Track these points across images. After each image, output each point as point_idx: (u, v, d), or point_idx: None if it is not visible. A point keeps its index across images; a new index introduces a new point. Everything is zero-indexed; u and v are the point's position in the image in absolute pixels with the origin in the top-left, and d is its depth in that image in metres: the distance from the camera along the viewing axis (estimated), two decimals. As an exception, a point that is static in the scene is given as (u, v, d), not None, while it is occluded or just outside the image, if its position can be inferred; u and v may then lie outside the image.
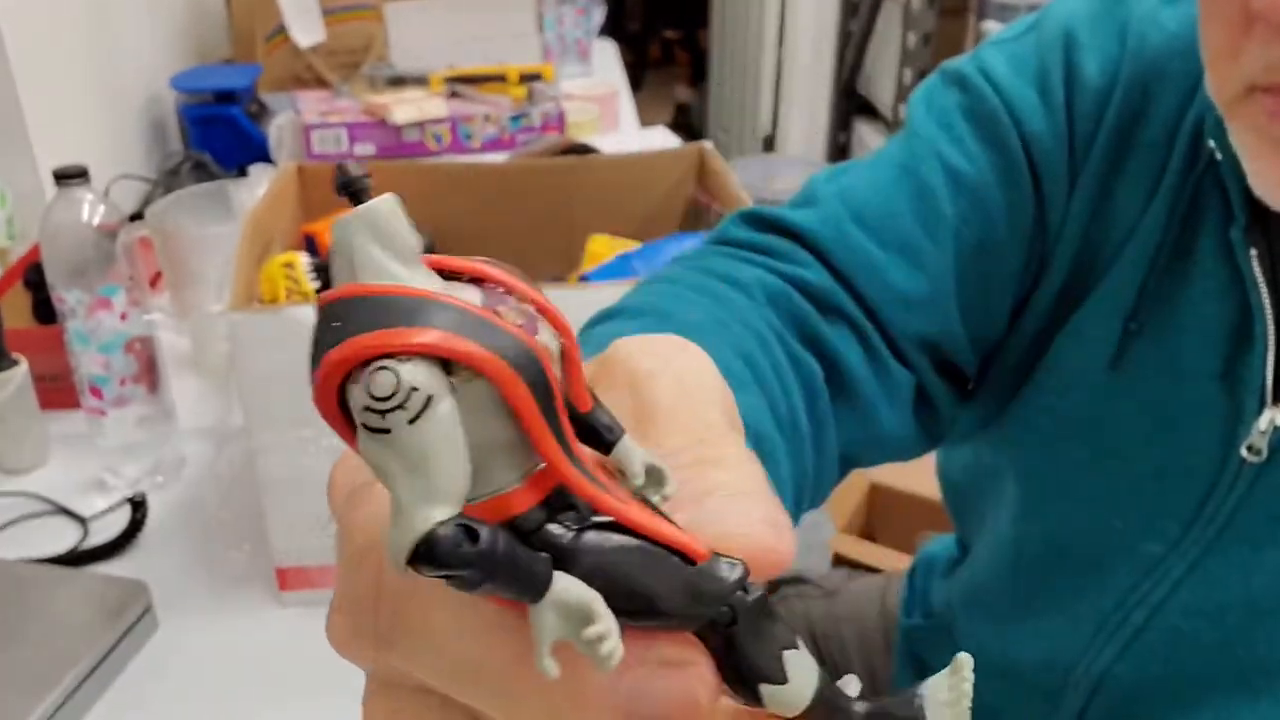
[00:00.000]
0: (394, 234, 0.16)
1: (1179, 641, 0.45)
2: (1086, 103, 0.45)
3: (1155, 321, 0.44)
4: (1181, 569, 0.45)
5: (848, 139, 2.59)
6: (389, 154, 1.29)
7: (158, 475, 0.78)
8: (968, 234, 0.45)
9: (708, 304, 0.39)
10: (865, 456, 0.45)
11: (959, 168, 0.45)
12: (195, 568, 0.70)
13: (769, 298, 0.41)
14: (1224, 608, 0.44)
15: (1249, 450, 0.42)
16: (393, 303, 0.15)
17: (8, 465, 0.80)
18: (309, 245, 0.79)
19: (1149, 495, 0.46)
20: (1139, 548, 0.46)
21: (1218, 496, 0.44)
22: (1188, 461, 0.45)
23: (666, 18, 4.12)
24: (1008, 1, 1.89)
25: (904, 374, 0.45)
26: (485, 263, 0.17)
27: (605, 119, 1.46)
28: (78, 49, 1.27)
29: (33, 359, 0.79)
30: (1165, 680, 0.46)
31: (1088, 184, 0.45)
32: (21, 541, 0.73)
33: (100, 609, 0.63)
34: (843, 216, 0.44)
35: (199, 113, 1.38)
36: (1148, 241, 0.44)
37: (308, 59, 1.58)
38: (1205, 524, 0.44)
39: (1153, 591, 0.46)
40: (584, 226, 0.83)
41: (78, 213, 0.69)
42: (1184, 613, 0.45)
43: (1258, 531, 0.43)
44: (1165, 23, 0.44)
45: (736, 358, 0.36)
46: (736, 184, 0.74)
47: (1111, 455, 0.47)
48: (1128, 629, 0.47)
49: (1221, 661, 0.44)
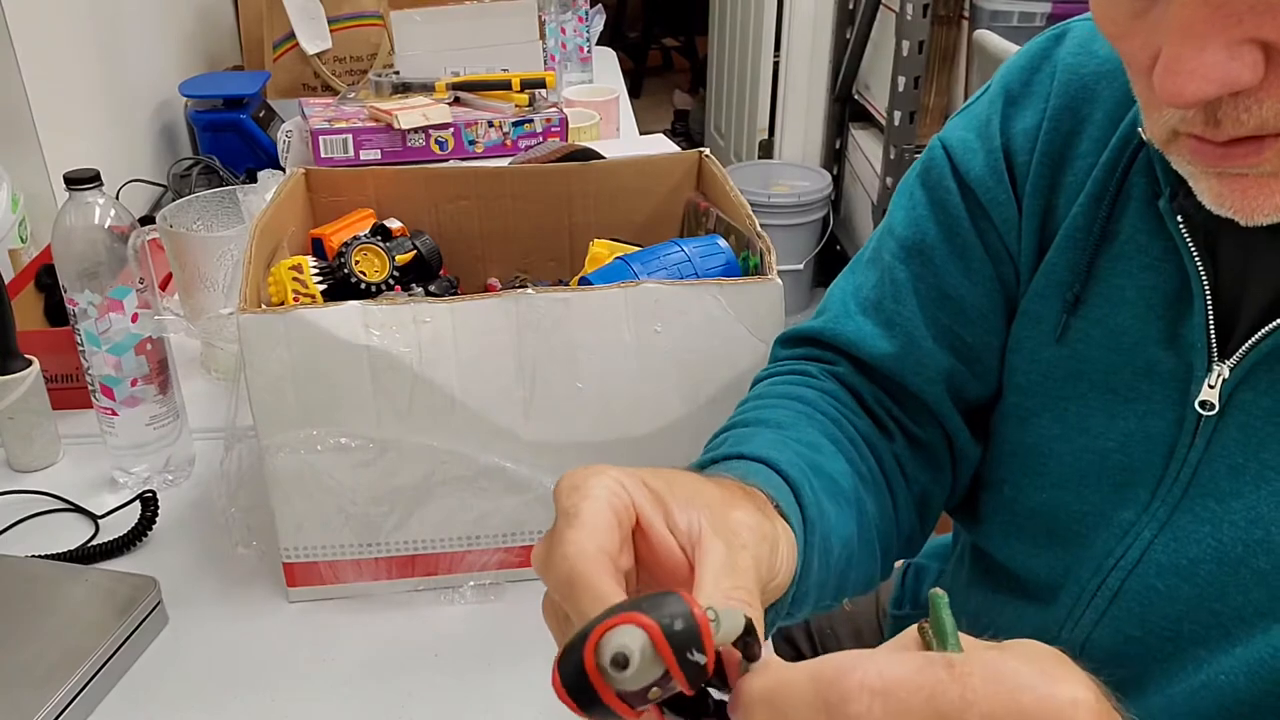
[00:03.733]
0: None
1: (1154, 600, 0.47)
2: (1019, 136, 0.52)
3: (1095, 297, 0.48)
4: (1153, 530, 0.47)
5: (844, 144, 2.61)
6: (394, 159, 1.30)
7: (168, 473, 0.79)
8: (924, 289, 0.55)
9: (788, 406, 0.53)
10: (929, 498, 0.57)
11: (905, 236, 0.55)
12: (205, 564, 0.71)
13: (826, 394, 0.55)
14: (1195, 562, 0.45)
15: (1202, 406, 0.44)
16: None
17: (21, 464, 0.81)
18: (316, 249, 0.80)
19: (1117, 465, 0.48)
20: (1114, 517, 0.48)
21: (1179, 456, 0.46)
22: (1148, 428, 0.47)
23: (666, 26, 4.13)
24: (1000, 9, 1.91)
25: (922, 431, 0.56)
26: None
27: (606, 125, 1.47)
28: (89, 56, 1.28)
29: (45, 360, 0.81)
30: (1144, 640, 0.47)
31: (1032, 200, 0.51)
32: (34, 538, 0.74)
33: (111, 605, 0.64)
34: (842, 312, 0.57)
35: (208, 119, 1.39)
36: (1080, 223, 0.49)
37: (315, 66, 1.60)
38: (1171, 484, 0.46)
39: (1126, 555, 0.48)
40: (585, 230, 0.85)
41: (89, 216, 0.70)
42: (1158, 572, 0.46)
43: (1220, 484, 0.45)
44: (1097, 50, 0.50)
45: (823, 436, 0.50)
46: (734, 189, 0.75)
47: (1078, 430, 0.50)
48: (1104, 595, 0.48)
49: (1197, 615, 0.45)
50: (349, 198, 0.83)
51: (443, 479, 0.64)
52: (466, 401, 0.62)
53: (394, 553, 0.67)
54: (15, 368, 0.78)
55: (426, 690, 0.61)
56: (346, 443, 0.62)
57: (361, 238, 0.76)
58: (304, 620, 0.67)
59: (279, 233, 0.74)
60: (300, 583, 0.67)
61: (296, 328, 0.60)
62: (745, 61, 2.73)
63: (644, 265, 0.70)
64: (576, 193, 0.85)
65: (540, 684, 0.62)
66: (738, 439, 0.48)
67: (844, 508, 0.48)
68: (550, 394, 0.63)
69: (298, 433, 0.62)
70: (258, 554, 0.70)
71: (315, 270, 0.71)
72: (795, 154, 2.68)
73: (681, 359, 0.64)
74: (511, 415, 0.63)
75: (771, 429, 0.50)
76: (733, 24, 2.81)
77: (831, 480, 0.48)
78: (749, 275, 0.69)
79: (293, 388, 0.61)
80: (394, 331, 0.61)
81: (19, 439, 0.80)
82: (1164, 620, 0.46)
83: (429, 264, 0.81)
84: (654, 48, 4.18)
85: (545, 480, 0.65)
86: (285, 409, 0.61)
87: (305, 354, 0.60)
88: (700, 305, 0.63)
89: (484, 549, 0.68)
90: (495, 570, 0.68)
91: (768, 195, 2.42)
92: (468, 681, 0.62)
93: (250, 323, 0.60)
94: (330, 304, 0.61)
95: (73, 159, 0.82)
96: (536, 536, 0.68)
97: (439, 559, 0.67)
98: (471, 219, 0.85)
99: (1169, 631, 0.46)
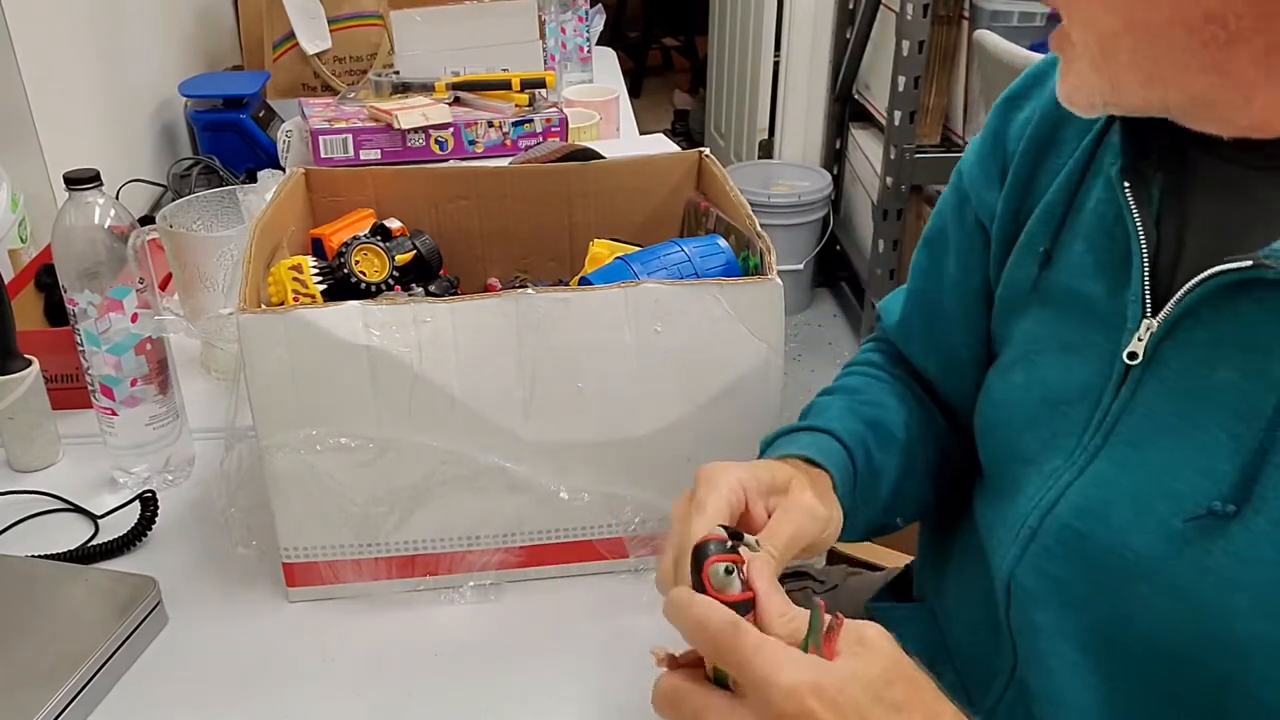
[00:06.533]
0: None
1: (1070, 539, 0.49)
2: (1015, 126, 0.58)
3: (1060, 260, 0.54)
4: (1073, 473, 0.50)
5: (844, 144, 2.61)
6: (394, 159, 1.30)
7: (168, 473, 0.79)
8: (931, 273, 0.66)
9: (866, 371, 0.69)
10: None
11: (930, 230, 0.66)
12: (204, 564, 0.71)
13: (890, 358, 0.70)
14: (1108, 504, 0.48)
15: (1130, 358, 0.48)
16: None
17: (21, 464, 0.81)
18: (316, 249, 0.80)
19: (1057, 414, 0.52)
20: (1045, 464, 0.52)
21: (1104, 404, 0.49)
22: (1087, 380, 0.50)
23: (666, 26, 4.13)
24: (1000, 9, 1.91)
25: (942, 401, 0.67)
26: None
27: (606, 125, 1.47)
28: (89, 56, 1.28)
29: (45, 360, 0.81)
30: (1062, 580, 0.50)
31: (1014, 179, 0.57)
32: (34, 538, 0.74)
33: (110, 605, 0.64)
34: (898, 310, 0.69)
35: (208, 119, 1.39)
36: (1057, 197, 0.54)
37: (315, 66, 1.60)
38: (1094, 430, 0.49)
39: (1046, 495, 0.51)
40: (585, 230, 0.85)
41: (89, 216, 0.70)
42: (1074, 512, 0.49)
43: (1138, 432, 0.48)
44: None
45: (890, 395, 0.65)
46: (734, 189, 0.75)
47: (1038, 382, 0.54)
48: (1025, 533, 0.52)
49: (1111, 559, 0.47)
50: (349, 198, 0.83)
51: (443, 479, 0.64)
52: (466, 401, 0.62)
53: (394, 553, 0.67)
54: (15, 368, 0.78)
55: (426, 690, 0.61)
56: (346, 443, 0.62)
57: (361, 238, 0.76)
58: (304, 620, 0.67)
59: (279, 233, 0.74)
60: (300, 583, 0.67)
61: (296, 328, 0.60)
62: (745, 61, 2.73)
63: (644, 265, 0.70)
64: (576, 193, 0.85)
65: (540, 684, 0.62)
66: (820, 409, 0.63)
67: (896, 456, 0.62)
68: (550, 394, 0.63)
69: (298, 433, 0.62)
70: (258, 554, 0.70)
71: (315, 270, 0.71)
72: (795, 154, 2.68)
73: (681, 359, 0.64)
74: (511, 415, 0.63)
75: (847, 395, 0.65)
76: (733, 24, 2.81)
77: (889, 433, 0.62)
78: (749, 275, 0.69)
79: (293, 388, 0.61)
80: (394, 331, 0.61)
81: (19, 439, 0.80)
82: (1081, 561, 0.49)
83: (429, 264, 0.81)
84: (654, 48, 4.18)
85: (545, 480, 0.65)
86: (285, 409, 0.61)
87: (305, 354, 0.60)
88: (700, 305, 0.63)
89: (484, 549, 0.68)
90: (495, 570, 0.68)
91: (768, 195, 2.42)
92: (468, 681, 0.62)
93: (250, 323, 0.60)
94: (330, 304, 0.61)
95: (73, 159, 0.82)
96: (536, 536, 0.68)
97: (439, 559, 0.67)
98: (471, 219, 0.85)
99: (1086, 573, 0.49)
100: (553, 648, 0.64)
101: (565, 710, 0.60)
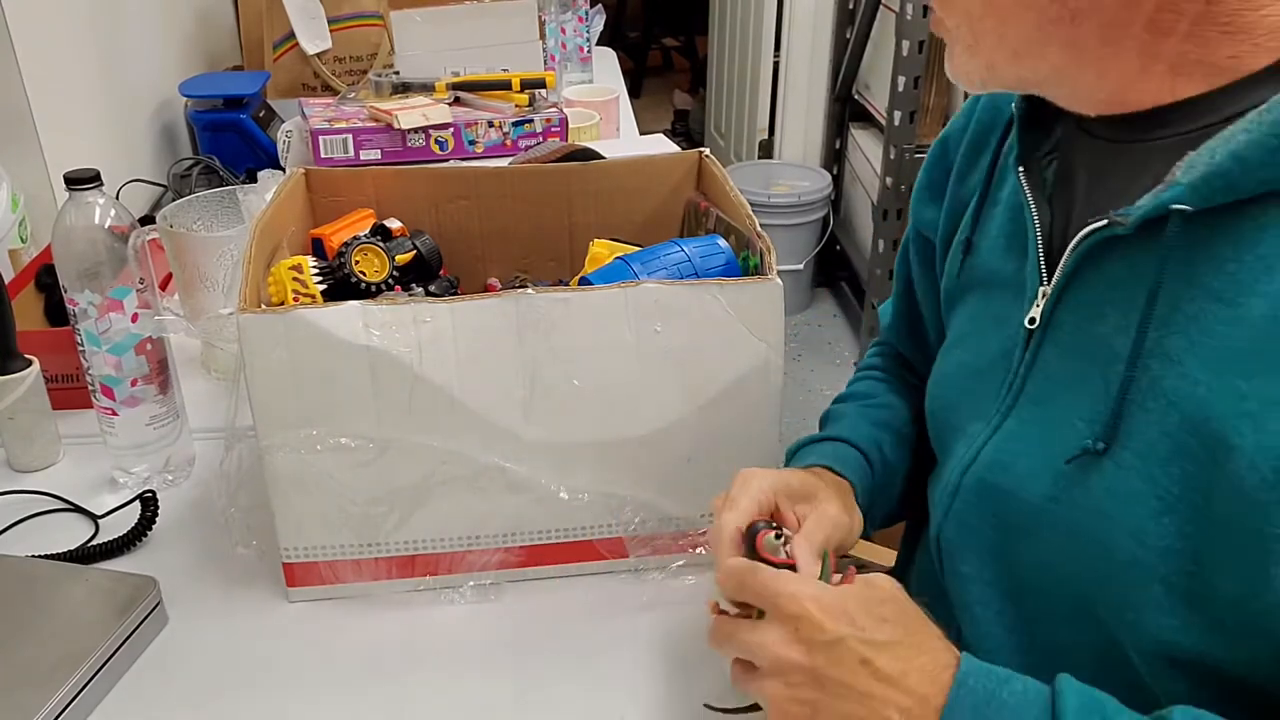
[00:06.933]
0: None
1: (983, 491, 0.54)
2: (954, 134, 0.66)
3: (980, 243, 0.60)
4: (988, 433, 0.55)
5: (844, 144, 2.61)
6: (394, 159, 1.30)
7: (168, 473, 0.79)
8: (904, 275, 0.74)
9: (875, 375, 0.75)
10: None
11: (905, 236, 0.73)
12: (204, 564, 0.71)
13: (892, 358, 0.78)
14: (1015, 455, 0.53)
15: (1030, 323, 0.53)
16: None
17: (21, 464, 0.81)
18: (316, 249, 0.80)
19: (980, 383, 0.57)
20: (969, 429, 0.57)
21: (1013, 368, 0.54)
22: (1000, 347, 0.55)
23: (666, 26, 4.14)
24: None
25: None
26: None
27: (606, 125, 1.47)
28: (89, 56, 1.28)
29: (45, 360, 0.81)
30: (979, 530, 0.55)
31: (954, 181, 0.64)
32: (34, 538, 0.74)
33: (111, 604, 0.64)
34: (889, 313, 0.77)
35: (208, 119, 1.39)
36: (979, 185, 0.61)
37: (315, 66, 1.60)
38: (1006, 392, 0.54)
39: (966, 455, 0.56)
40: (585, 230, 0.85)
41: (89, 216, 0.71)
42: (986, 466, 0.54)
43: (1040, 390, 0.52)
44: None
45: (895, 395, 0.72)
46: (734, 189, 0.75)
47: (973, 354, 0.59)
48: (948, 491, 0.57)
49: (1015, 505, 0.52)
50: (349, 198, 0.83)
51: (443, 479, 0.64)
52: (466, 401, 0.62)
53: (394, 553, 0.67)
54: (15, 368, 0.78)
55: (426, 690, 0.61)
56: (346, 443, 0.62)
57: (361, 238, 0.76)
58: (304, 620, 0.67)
59: (279, 233, 0.74)
60: (300, 583, 0.67)
61: (296, 328, 0.60)
62: (745, 61, 2.73)
63: (644, 265, 0.70)
64: (576, 193, 0.85)
65: (540, 684, 0.62)
66: (836, 417, 0.71)
67: (907, 451, 0.69)
68: (550, 394, 0.63)
69: (298, 433, 0.62)
70: (258, 554, 0.70)
71: (315, 270, 0.71)
72: (795, 154, 2.68)
73: (681, 359, 0.64)
74: (511, 415, 0.63)
75: (859, 401, 0.72)
76: (733, 24, 2.82)
77: (898, 432, 0.69)
78: (749, 275, 0.69)
79: (293, 388, 0.61)
80: (394, 331, 0.61)
81: (19, 439, 0.80)
82: (991, 510, 0.54)
83: (429, 264, 0.81)
84: (654, 48, 4.18)
85: (545, 480, 0.65)
86: (285, 409, 0.61)
87: (305, 354, 0.60)
88: (700, 305, 0.63)
89: (484, 549, 0.68)
90: (495, 570, 0.68)
91: (768, 195, 2.42)
92: (468, 681, 0.62)
93: (250, 323, 0.60)
94: (330, 304, 0.61)
95: (73, 159, 0.82)
96: (536, 536, 0.68)
97: (439, 559, 0.67)
98: (471, 219, 0.85)
99: (1004, 525, 0.53)
100: (553, 648, 0.65)
101: (565, 710, 0.60)
